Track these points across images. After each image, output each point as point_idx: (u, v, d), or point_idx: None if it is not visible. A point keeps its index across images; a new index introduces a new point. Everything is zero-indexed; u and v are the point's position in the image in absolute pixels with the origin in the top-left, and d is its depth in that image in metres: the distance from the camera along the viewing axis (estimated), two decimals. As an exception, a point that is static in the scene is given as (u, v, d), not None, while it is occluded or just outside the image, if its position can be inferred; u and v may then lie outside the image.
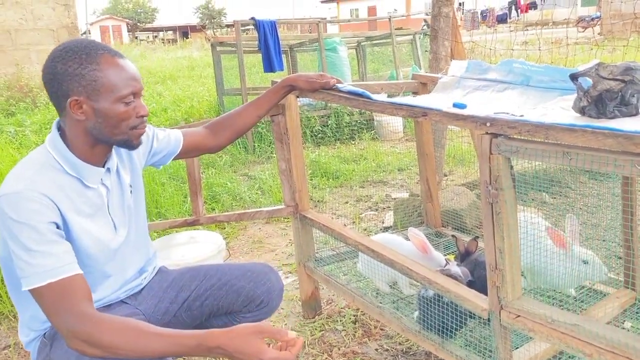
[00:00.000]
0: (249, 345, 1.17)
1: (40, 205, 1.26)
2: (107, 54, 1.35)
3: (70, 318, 1.22)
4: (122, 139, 1.39)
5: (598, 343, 1.26)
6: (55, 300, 1.23)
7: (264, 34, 5.95)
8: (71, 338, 1.22)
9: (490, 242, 1.41)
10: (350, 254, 2.40)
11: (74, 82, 1.30)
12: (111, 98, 1.33)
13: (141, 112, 1.39)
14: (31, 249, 1.23)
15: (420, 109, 1.55)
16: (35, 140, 5.41)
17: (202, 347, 1.20)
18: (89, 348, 1.21)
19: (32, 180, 1.28)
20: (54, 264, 1.24)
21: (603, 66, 1.37)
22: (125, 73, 1.35)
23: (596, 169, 1.16)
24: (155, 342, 1.22)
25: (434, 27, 3.04)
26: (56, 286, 1.23)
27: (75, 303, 1.23)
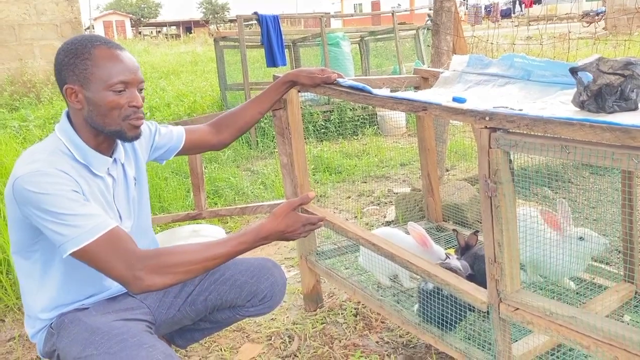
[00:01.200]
0: (293, 220, 1.43)
1: (61, 178, 1.29)
2: (104, 46, 1.38)
3: (132, 259, 1.26)
4: (114, 130, 1.40)
5: (595, 335, 1.27)
6: (109, 250, 1.26)
7: (266, 29, 5.96)
8: (139, 278, 1.25)
9: (489, 236, 1.42)
10: (351, 248, 2.41)
11: (69, 70, 1.36)
12: (101, 86, 1.36)
13: (134, 102, 1.39)
14: (67, 213, 1.25)
15: (420, 103, 1.56)
16: (39, 135, 5.43)
17: (258, 239, 1.40)
18: (162, 278, 1.26)
19: (46, 161, 1.32)
20: (96, 219, 1.27)
21: (603, 61, 1.37)
22: (118, 63, 1.37)
23: (594, 162, 1.17)
24: (219, 248, 1.35)
25: (436, 22, 3.04)
26: (106, 238, 1.26)
27: (129, 247, 1.28)
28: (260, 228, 1.41)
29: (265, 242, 1.42)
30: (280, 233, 1.42)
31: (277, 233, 1.42)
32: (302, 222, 1.44)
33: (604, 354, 1.25)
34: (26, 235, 1.37)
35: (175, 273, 1.28)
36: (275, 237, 1.43)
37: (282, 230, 1.42)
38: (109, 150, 1.47)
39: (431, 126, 2.53)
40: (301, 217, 1.45)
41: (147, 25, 49.84)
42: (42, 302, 1.44)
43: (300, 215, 1.45)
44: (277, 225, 1.42)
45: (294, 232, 1.44)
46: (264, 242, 1.41)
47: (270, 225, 1.42)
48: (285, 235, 1.44)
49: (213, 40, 7.16)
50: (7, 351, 2.25)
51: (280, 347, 2.15)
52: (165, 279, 1.27)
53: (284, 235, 1.43)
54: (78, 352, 1.32)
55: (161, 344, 1.33)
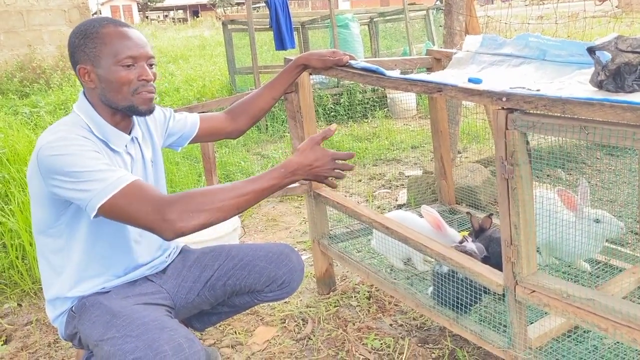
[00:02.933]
0: (319, 153, 1.42)
1: (82, 140, 1.32)
2: (111, 24, 1.41)
3: (160, 203, 1.23)
4: (126, 105, 1.42)
5: (614, 317, 1.26)
6: (137, 198, 1.24)
7: (275, 12, 5.91)
8: (170, 220, 1.21)
9: (506, 218, 1.41)
10: (363, 231, 2.41)
11: (80, 51, 1.39)
12: (110, 62, 1.38)
13: (143, 76, 1.41)
14: (90, 169, 1.25)
15: (435, 84, 1.54)
16: (50, 121, 5.45)
17: (288, 174, 1.37)
18: (194, 218, 1.22)
19: (68, 131, 1.34)
20: (119, 173, 1.27)
21: (622, 39, 1.34)
22: (126, 39, 1.40)
23: (614, 143, 1.15)
24: (249, 185, 1.31)
25: (448, 2, 2.99)
26: (131, 187, 1.25)
27: (155, 193, 1.26)
28: (288, 163, 1.38)
29: (294, 178, 1.39)
30: (308, 167, 1.40)
31: (305, 167, 1.39)
32: (330, 156, 1.43)
33: (622, 336, 1.25)
34: (51, 211, 1.39)
35: (207, 211, 1.23)
36: (304, 173, 1.40)
37: (309, 164, 1.40)
38: (126, 128, 1.50)
39: (444, 108, 2.50)
40: (328, 151, 1.43)
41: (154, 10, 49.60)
42: (64, 281, 1.46)
43: (326, 150, 1.43)
44: (304, 159, 1.40)
45: (323, 168, 1.42)
46: (293, 177, 1.38)
47: (297, 159, 1.40)
48: (314, 171, 1.41)
49: (221, 24, 7.11)
50: (24, 335, 2.28)
51: (294, 330, 2.16)
52: (198, 219, 1.22)
53: (313, 170, 1.41)
54: (100, 334, 1.33)
55: (183, 328, 1.34)
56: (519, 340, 1.50)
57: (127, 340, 1.27)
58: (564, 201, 1.86)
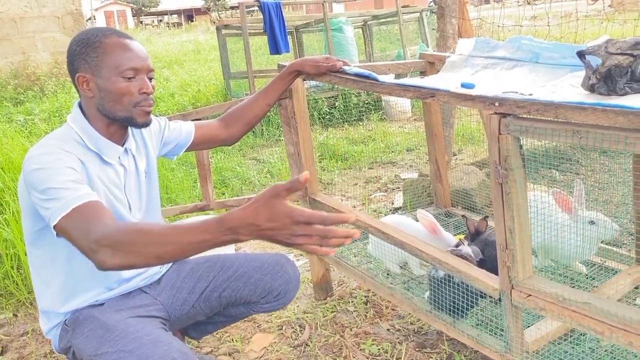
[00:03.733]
0: (275, 210, 0.98)
1: (66, 156, 1.31)
2: (114, 35, 1.42)
3: (95, 230, 1.14)
4: (125, 116, 1.42)
5: (610, 321, 1.26)
6: (81, 222, 1.17)
7: (269, 16, 5.91)
8: (98, 250, 1.11)
9: (501, 222, 1.41)
10: (360, 236, 2.41)
11: (81, 59, 1.39)
12: (112, 73, 1.38)
13: (144, 89, 1.42)
14: (55, 187, 1.23)
15: (428, 89, 1.54)
16: (44, 129, 5.43)
17: (223, 231, 1.02)
18: (116, 256, 1.10)
19: (56, 145, 1.34)
20: (77, 193, 1.22)
21: (612, 42, 1.34)
22: (128, 51, 1.40)
23: (607, 147, 1.15)
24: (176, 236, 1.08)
25: (440, 5, 3.00)
26: (80, 209, 1.19)
27: (98, 218, 1.17)
28: (227, 216, 1.03)
29: (236, 238, 1.03)
30: (254, 227, 0.99)
31: (249, 226, 1.00)
32: (291, 217, 0.97)
33: (618, 339, 1.25)
34: (38, 223, 1.38)
35: (128, 253, 1.09)
36: (250, 232, 1.01)
37: (256, 224, 0.99)
38: (120, 139, 1.50)
39: (438, 111, 2.51)
40: (291, 209, 0.98)
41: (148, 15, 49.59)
42: (56, 294, 1.45)
43: (288, 208, 0.98)
44: (250, 215, 1.00)
45: (281, 232, 0.99)
46: (233, 236, 1.02)
47: (240, 214, 1.01)
48: (265, 233, 0.99)
49: (215, 28, 7.11)
50: (20, 346, 2.27)
51: (291, 336, 2.15)
52: (121, 259, 1.10)
53: (263, 232, 0.99)
54: (93, 349, 1.32)
55: (177, 341, 1.33)
56: (516, 344, 1.50)
57: (121, 356, 1.26)
58: (559, 203, 1.86)
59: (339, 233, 1.00)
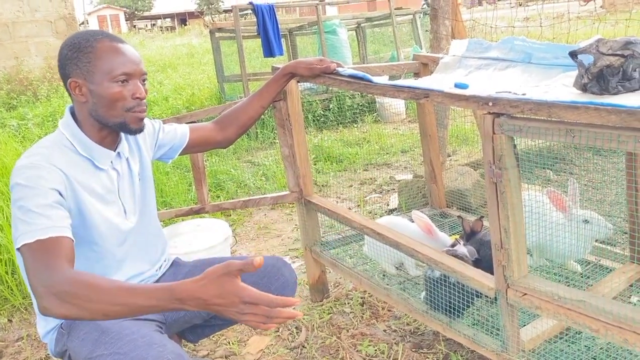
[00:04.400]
0: (224, 288, 1.06)
1: (49, 173, 1.29)
2: (106, 39, 1.40)
3: (47, 274, 1.14)
4: (118, 122, 1.41)
5: (605, 318, 1.27)
6: (37, 257, 1.17)
7: (262, 19, 5.91)
8: (44, 296, 1.12)
9: (495, 222, 1.42)
10: (355, 237, 2.41)
11: (73, 64, 1.38)
12: (105, 78, 1.37)
13: (137, 94, 1.40)
14: (30, 209, 1.22)
15: (422, 90, 1.55)
16: (38, 133, 5.41)
17: (172, 300, 1.09)
18: (60, 305, 1.11)
19: (44, 155, 1.33)
20: (47, 223, 1.21)
21: (603, 42, 1.35)
22: (121, 55, 1.39)
23: (599, 145, 1.16)
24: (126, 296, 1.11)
25: (433, 7, 3.01)
26: (42, 244, 1.18)
27: (56, 261, 1.16)
28: (178, 286, 1.09)
29: (184, 307, 1.09)
30: (202, 302, 1.07)
31: (196, 299, 1.07)
32: (241, 298, 1.06)
33: (613, 336, 1.25)
34: None
35: (72, 304, 1.11)
36: (197, 305, 1.08)
37: (204, 299, 1.06)
38: (113, 144, 1.48)
39: (432, 112, 2.51)
40: (239, 287, 1.07)
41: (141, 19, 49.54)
42: None
43: (238, 286, 1.07)
44: (199, 289, 1.07)
45: (228, 309, 1.07)
46: (181, 305, 1.09)
47: (190, 287, 1.08)
48: (212, 307, 1.07)
49: (209, 32, 7.11)
50: (15, 351, 2.25)
51: (288, 338, 2.15)
52: (64, 309, 1.11)
53: (210, 306, 1.07)
54: (88, 352, 1.32)
55: (171, 343, 1.33)
56: (512, 343, 1.51)
57: (115, 358, 1.25)
58: (554, 202, 1.87)
59: (283, 314, 1.09)
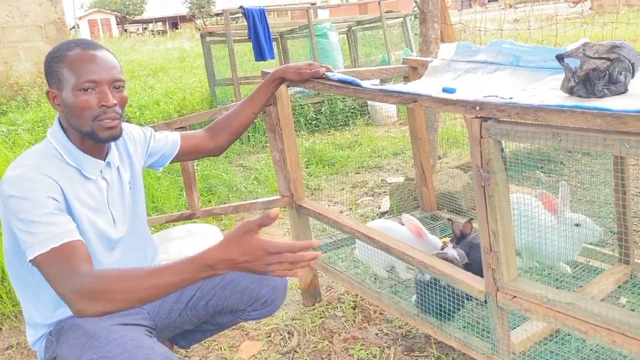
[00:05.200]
0: (250, 246, 1.13)
1: (42, 183, 1.29)
2: (78, 48, 1.38)
3: (72, 279, 1.19)
4: (87, 131, 1.39)
5: (593, 320, 1.28)
6: (58, 265, 1.21)
7: (253, 23, 5.92)
8: (75, 300, 1.18)
9: (484, 225, 1.42)
10: (347, 241, 2.41)
11: (48, 75, 1.39)
12: (70, 86, 1.36)
13: (102, 101, 1.36)
14: (33, 220, 1.23)
15: (410, 95, 1.55)
16: (28, 139, 5.37)
17: (202, 268, 1.15)
18: (92, 305, 1.17)
19: (34, 165, 1.32)
20: (54, 230, 1.24)
21: (589, 45, 1.37)
22: (88, 63, 1.36)
23: (586, 149, 1.17)
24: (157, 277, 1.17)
25: (422, 10, 3.03)
26: (59, 251, 1.22)
27: (77, 264, 1.21)
28: (204, 254, 1.15)
29: (215, 273, 1.16)
30: (230, 262, 1.14)
31: (225, 262, 1.14)
32: (264, 250, 1.13)
33: (602, 338, 1.26)
34: (15, 237, 1.35)
35: (107, 300, 1.17)
36: (227, 267, 1.15)
37: (232, 259, 1.13)
38: (101, 153, 1.47)
39: (422, 115, 2.52)
40: (262, 242, 1.14)
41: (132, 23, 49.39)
42: (42, 305, 1.44)
43: (259, 241, 1.14)
44: (225, 253, 1.14)
45: (256, 263, 1.14)
46: (212, 272, 1.15)
47: (216, 253, 1.15)
48: (241, 266, 1.14)
49: (200, 36, 7.10)
50: (5, 359, 2.24)
51: (280, 343, 2.15)
52: (100, 306, 1.17)
53: (239, 265, 1.14)
54: (76, 357, 1.31)
55: (160, 346, 1.32)
56: (503, 346, 1.51)
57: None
58: (545, 204, 1.88)
59: (306, 257, 1.16)
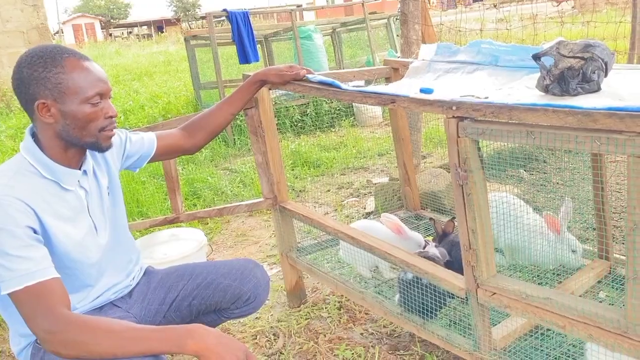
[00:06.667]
0: None
1: (16, 210, 1.26)
2: (72, 57, 1.37)
3: (46, 321, 1.21)
4: (90, 141, 1.40)
5: (570, 315, 1.30)
6: (32, 303, 1.22)
7: (237, 26, 5.91)
8: (48, 341, 1.21)
9: (463, 223, 1.44)
10: (332, 242, 2.42)
11: (40, 85, 1.33)
12: (77, 100, 1.34)
13: (109, 113, 1.41)
14: (8, 253, 1.22)
15: (389, 96, 1.57)
16: (11, 146, 5.34)
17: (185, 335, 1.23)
18: (66, 349, 1.20)
19: (7, 186, 1.29)
20: (31, 267, 1.23)
21: (563, 44, 1.39)
22: (91, 75, 1.37)
23: (559, 146, 1.19)
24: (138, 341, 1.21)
25: (403, 12, 3.05)
26: (33, 290, 1.23)
27: (51, 305, 1.23)
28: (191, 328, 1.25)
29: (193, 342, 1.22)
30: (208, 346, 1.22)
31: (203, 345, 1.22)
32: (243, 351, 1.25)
33: (579, 332, 1.28)
34: None
35: (78, 350, 1.20)
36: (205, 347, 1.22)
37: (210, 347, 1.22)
38: (77, 163, 1.45)
39: (404, 116, 2.54)
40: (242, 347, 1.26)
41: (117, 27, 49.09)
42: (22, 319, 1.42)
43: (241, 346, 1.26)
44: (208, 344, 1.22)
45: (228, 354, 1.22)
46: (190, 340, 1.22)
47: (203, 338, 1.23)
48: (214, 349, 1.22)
49: (184, 39, 7.08)
50: (-11, 368, 2.22)
51: (265, 345, 2.15)
52: (70, 352, 1.20)
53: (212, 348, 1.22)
54: None
55: None
56: (484, 342, 1.53)
57: None
58: (549, 225, 1.90)
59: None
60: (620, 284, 1.84)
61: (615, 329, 1.22)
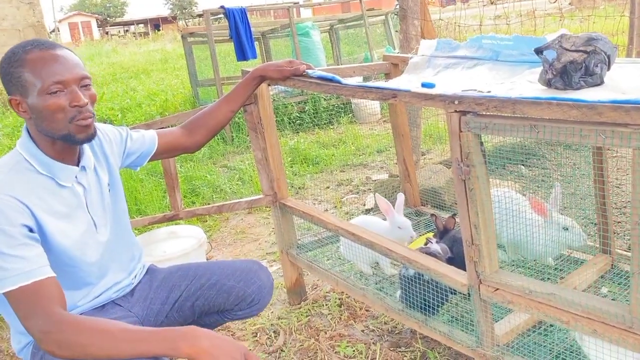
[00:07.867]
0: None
1: (11, 208, 1.25)
2: (35, 49, 1.32)
3: (41, 320, 1.20)
4: (63, 134, 1.34)
5: (574, 310, 1.29)
6: (27, 303, 1.21)
7: (234, 23, 5.88)
8: (43, 340, 1.20)
9: (465, 218, 1.43)
10: (332, 239, 2.41)
11: (7, 81, 1.32)
12: (36, 91, 1.30)
13: (74, 102, 1.32)
14: (2, 252, 1.21)
15: (390, 90, 1.55)
16: (8, 144, 5.32)
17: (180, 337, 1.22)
18: (60, 349, 1.19)
19: (2, 183, 1.28)
20: (25, 267, 1.22)
21: (566, 38, 1.38)
22: (51, 64, 1.31)
23: (563, 140, 1.18)
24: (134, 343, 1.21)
25: (402, 7, 3.03)
26: (28, 289, 1.21)
27: (46, 305, 1.22)
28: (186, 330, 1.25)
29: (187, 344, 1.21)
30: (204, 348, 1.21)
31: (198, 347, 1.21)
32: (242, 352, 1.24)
33: (583, 327, 1.27)
34: None
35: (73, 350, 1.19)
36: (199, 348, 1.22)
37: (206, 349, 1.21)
38: (73, 158, 1.43)
39: (404, 112, 2.53)
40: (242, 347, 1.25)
41: (114, 25, 48.93)
42: None
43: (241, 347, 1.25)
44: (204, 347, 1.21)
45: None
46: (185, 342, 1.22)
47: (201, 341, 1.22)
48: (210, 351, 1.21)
49: (181, 37, 7.06)
50: (-12, 367, 2.21)
51: (266, 342, 2.14)
52: (65, 352, 1.20)
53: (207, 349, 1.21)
54: None
55: None
56: (487, 338, 1.52)
57: None
58: (535, 208, 1.89)
59: None
60: (623, 279, 1.84)
61: (620, 324, 1.21)
